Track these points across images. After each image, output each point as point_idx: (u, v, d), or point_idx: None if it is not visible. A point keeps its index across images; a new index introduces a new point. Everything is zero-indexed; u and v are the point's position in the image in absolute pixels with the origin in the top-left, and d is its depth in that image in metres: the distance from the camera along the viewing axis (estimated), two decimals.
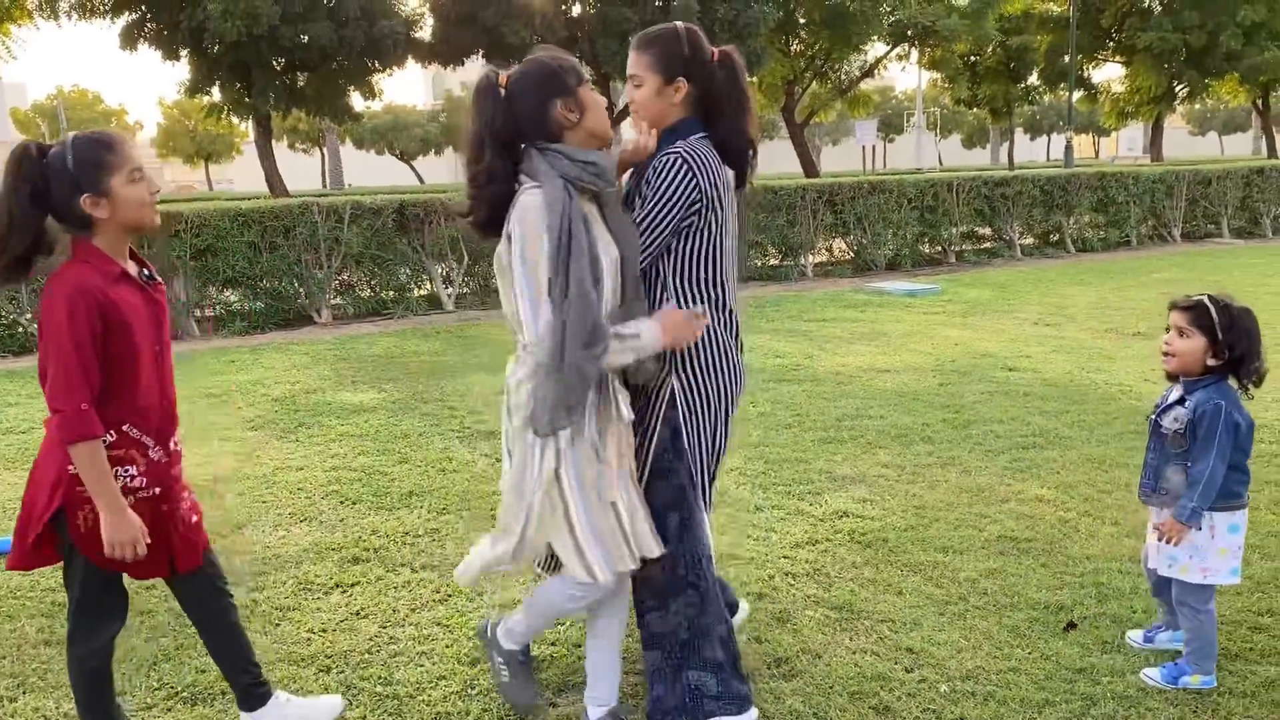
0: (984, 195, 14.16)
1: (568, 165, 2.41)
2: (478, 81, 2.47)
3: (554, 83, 2.44)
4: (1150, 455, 3.00)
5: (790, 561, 3.86)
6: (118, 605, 2.60)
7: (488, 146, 2.43)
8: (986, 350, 7.78)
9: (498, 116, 2.43)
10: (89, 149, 2.32)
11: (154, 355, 2.51)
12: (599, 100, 2.49)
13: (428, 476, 5.06)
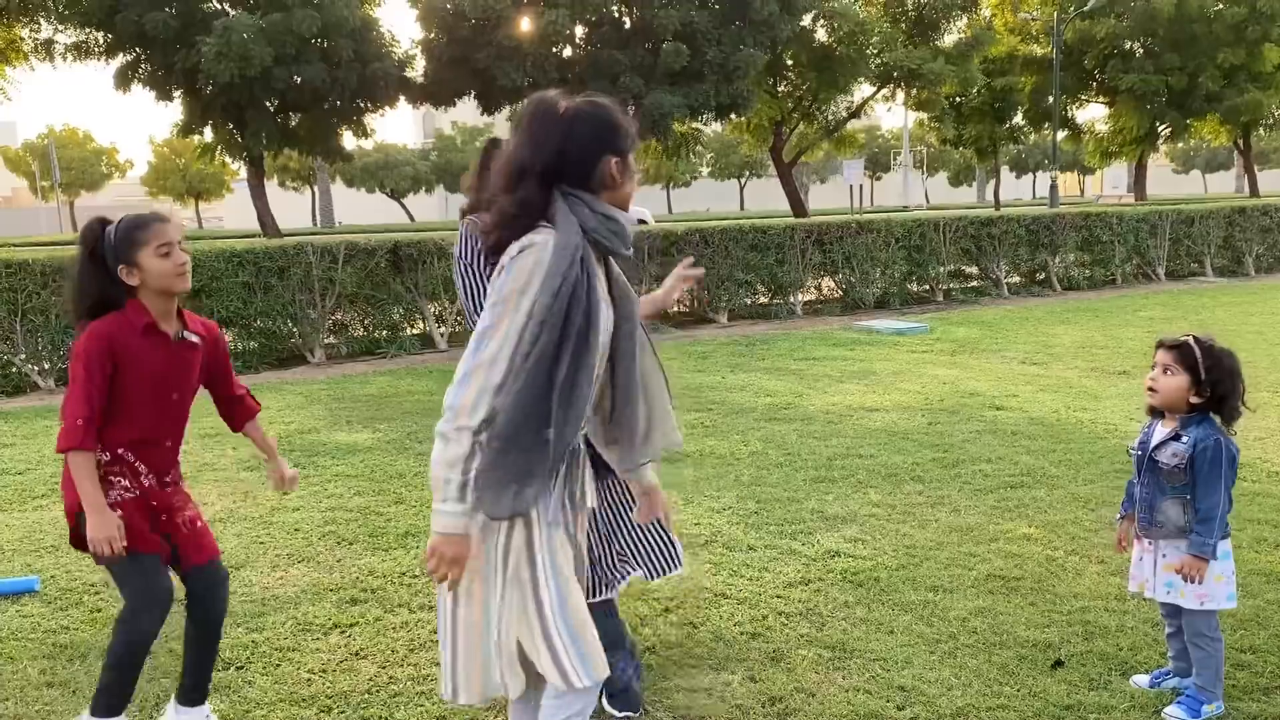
0: (971, 235, 14.35)
1: (588, 215, 2.21)
2: (536, 104, 2.25)
3: (614, 137, 2.25)
4: (1143, 490, 3.09)
5: (783, 601, 3.92)
6: (155, 598, 2.98)
7: (530, 176, 2.20)
8: (974, 389, 7.88)
9: (549, 147, 2.21)
10: (126, 228, 2.80)
11: (163, 400, 2.89)
12: (634, 171, 2.33)
13: (423, 517, 5.10)
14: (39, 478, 6.04)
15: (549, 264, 2.12)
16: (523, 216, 2.19)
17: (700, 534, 4.68)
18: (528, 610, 2.21)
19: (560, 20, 21.59)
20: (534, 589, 2.21)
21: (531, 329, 2.11)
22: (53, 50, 22.69)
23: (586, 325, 2.17)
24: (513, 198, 2.20)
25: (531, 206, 2.19)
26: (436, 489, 2.13)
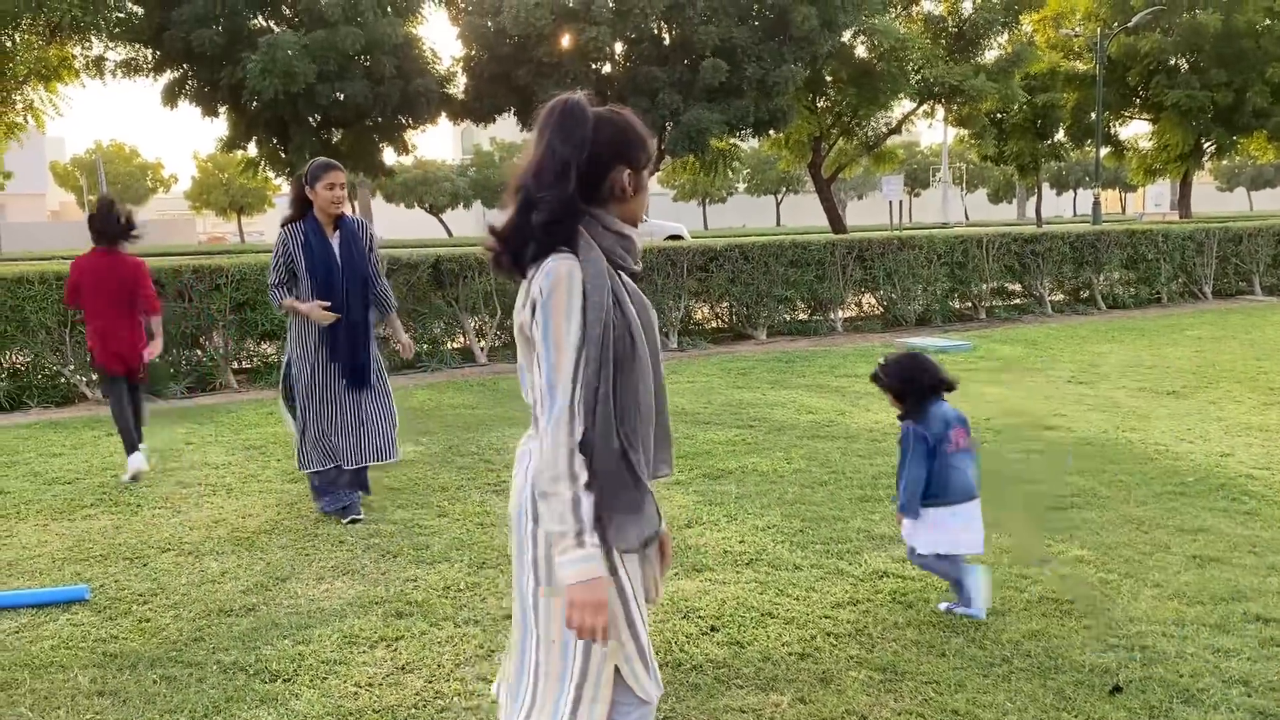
0: (1014, 252, 14.21)
1: (602, 234, 2.15)
2: (570, 104, 2.14)
3: (628, 148, 2.17)
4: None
5: (832, 621, 3.87)
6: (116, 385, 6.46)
7: (574, 175, 2.10)
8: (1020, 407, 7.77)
9: (585, 148, 2.11)
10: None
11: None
12: (646, 189, 2.25)
13: (466, 530, 5.10)
14: (88, 487, 6.11)
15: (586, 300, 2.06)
16: (569, 217, 2.10)
17: (745, 552, 4.64)
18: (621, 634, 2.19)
19: (601, 37, 21.68)
20: (625, 611, 2.19)
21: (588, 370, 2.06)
22: (103, 67, 23.12)
23: (632, 346, 2.13)
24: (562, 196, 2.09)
25: (576, 208, 2.11)
26: (555, 545, 2.08)
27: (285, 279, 5.33)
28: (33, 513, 5.60)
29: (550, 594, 2.16)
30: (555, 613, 2.17)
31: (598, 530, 2.09)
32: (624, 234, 2.19)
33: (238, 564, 4.68)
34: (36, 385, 9.20)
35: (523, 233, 2.12)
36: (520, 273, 2.15)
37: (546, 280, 2.07)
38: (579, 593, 2.05)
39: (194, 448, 7.18)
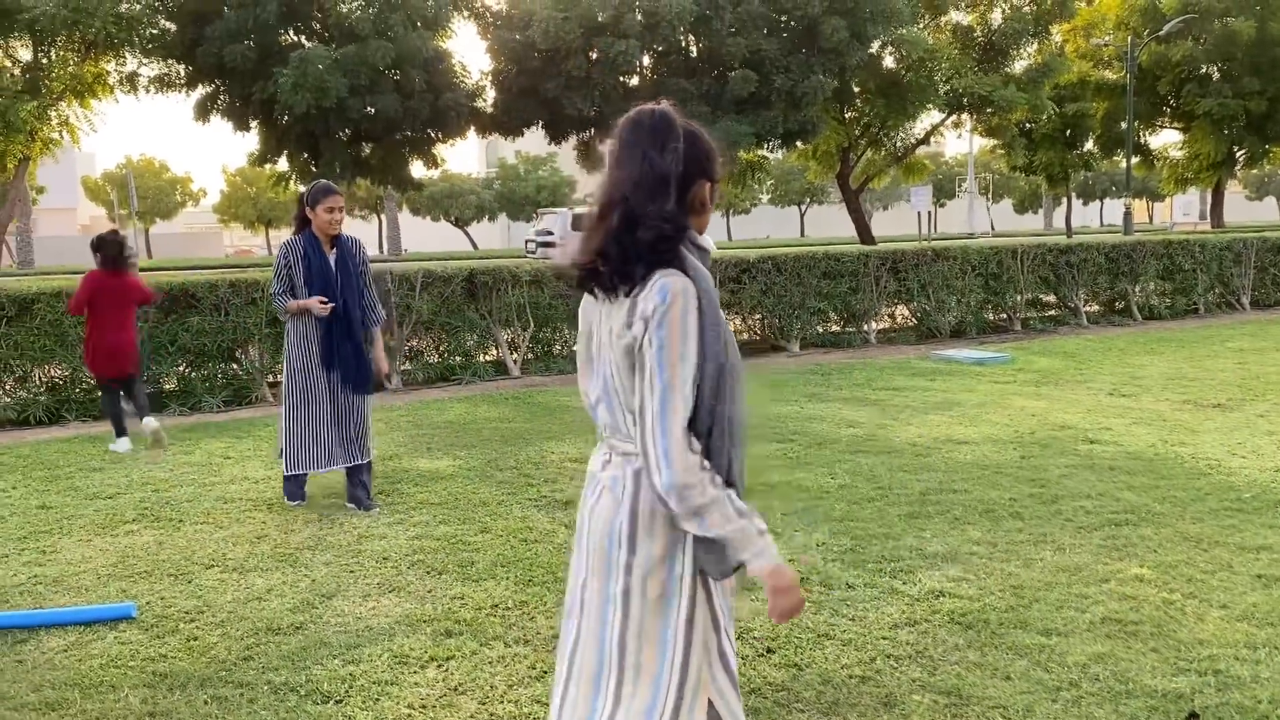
0: (1049, 263, 14.06)
1: (690, 249, 2.09)
2: (660, 114, 2.07)
3: (708, 161, 2.11)
4: None
5: (890, 643, 3.78)
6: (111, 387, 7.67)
7: (674, 189, 2.04)
8: (1065, 422, 7.66)
9: (681, 161, 2.05)
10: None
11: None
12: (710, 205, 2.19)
13: (510, 546, 5.05)
14: (129, 502, 6.10)
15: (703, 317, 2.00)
16: (679, 233, 2.03)
17: (796, 571, 4.55)
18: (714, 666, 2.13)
19: (630, 50, 21.69)
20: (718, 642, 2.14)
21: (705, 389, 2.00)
22: (136, 83, 23.36)
23: (732, 363, 2.07)
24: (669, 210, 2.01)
25: (683, 223, 2.05)
26: (740, 546, 2.01)
27: (287, 288, 5.77)
28: (76, 528, 5.59)
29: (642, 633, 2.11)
30: (649, 646, 2.10)
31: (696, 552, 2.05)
32: (704, 248, 2.14)
33: (283, 580, 4.64)
34: (74, 399, 9.24)
35: (628, 250, 2.03)
36: (624, 292, 2.05)
37: (661, 298, 1.99)
38: (777, 580, 2.02)
39: (233, 462, 7.17)
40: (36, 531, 5.53)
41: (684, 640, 2.10)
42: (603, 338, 2.13)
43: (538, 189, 58.34)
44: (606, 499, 2.14)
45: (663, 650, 2.10)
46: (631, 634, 2.11)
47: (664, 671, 2.09)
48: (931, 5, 26.05)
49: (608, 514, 2.13)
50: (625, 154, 2.07)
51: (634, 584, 2.10)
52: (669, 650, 2.10)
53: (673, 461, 1.96)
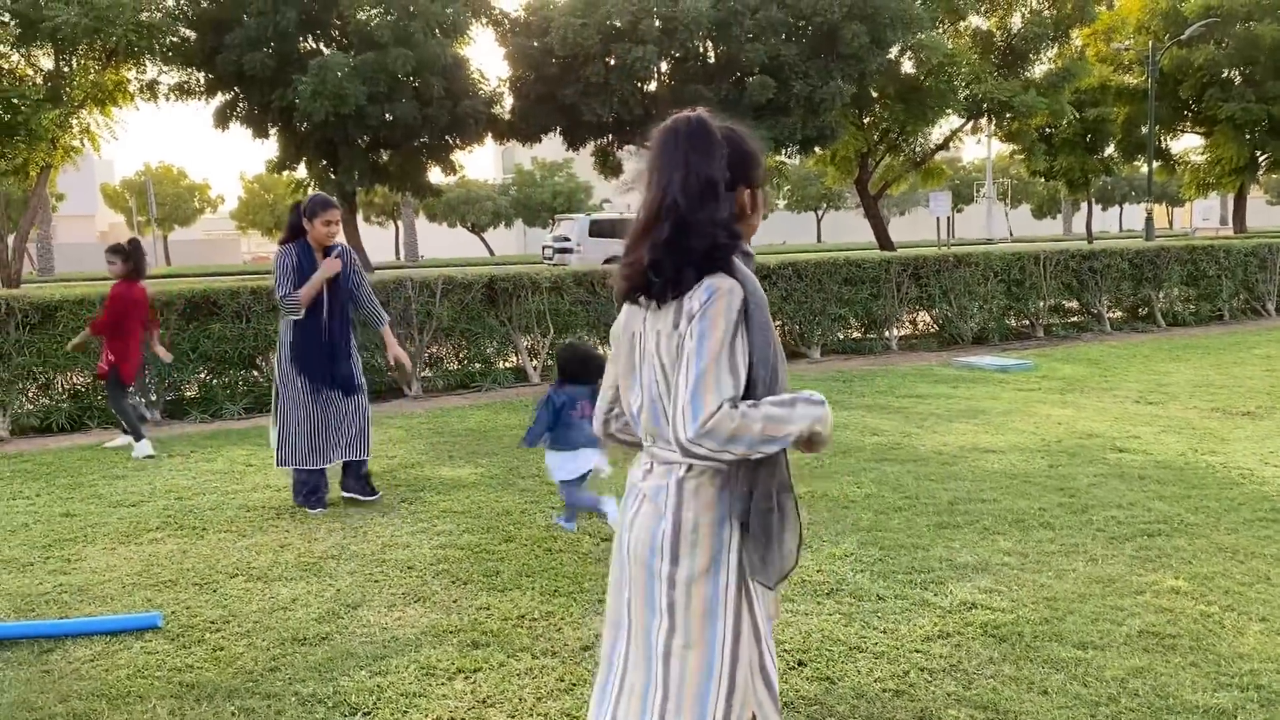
0: (1071, 269, 13.95)
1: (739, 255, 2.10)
2: (698, 122, 2.08)
3: (750, 166, 2.12)
4: None
5: (924, 656, 3.72)
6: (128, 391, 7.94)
7: (722, 195, 2.05)
8: (1092, 430, 7.57)
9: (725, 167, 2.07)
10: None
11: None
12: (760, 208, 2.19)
13: (535, 556, 5.01)
14: (152, 510, 6.09)
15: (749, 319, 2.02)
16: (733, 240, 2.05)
17: (824, 582, 4.51)
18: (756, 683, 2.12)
19: (648, 56, 21.68)
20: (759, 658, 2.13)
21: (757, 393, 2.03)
22: (156, 91, 23.51)
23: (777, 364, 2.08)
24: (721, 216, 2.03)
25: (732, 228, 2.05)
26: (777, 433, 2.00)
27: (295, 284, 5.99)
28: (100, 536, 5.59)
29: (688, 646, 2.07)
30: (695, 660, 2.07)
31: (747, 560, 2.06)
32: (749, 253, 2.13)
33: (307, 590, 4.62)
34: (96, 406, 9.26)
35: (681, 259, 2.02)
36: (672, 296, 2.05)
37: (707, 295, 2.00)
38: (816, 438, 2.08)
39: (255, 469, 7.16)
40: (61, 539, 5.53)
41: (730, 654, 2.07)
42: (648, 345, 2.11)
43: (554, 195, 58.43)
44: (648, 509, 2.11)
45: (709, 665, 2.07)
46: (677, 648, 2.08)
47: (711, 687, 2.06)
48: (951, 10, 25.95)
49: (649, 524, 2.10)
50: (667, 162, 2.05)
51: (678, 597, 2.07)
52: (715, 665, 2.07)
53: (698, 412, 1.96)
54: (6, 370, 8.86)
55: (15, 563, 5.14)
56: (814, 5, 22.06)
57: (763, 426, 1.97)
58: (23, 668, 3.84)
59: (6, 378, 8.87)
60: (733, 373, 1.99)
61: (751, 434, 1.97)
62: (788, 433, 2.00)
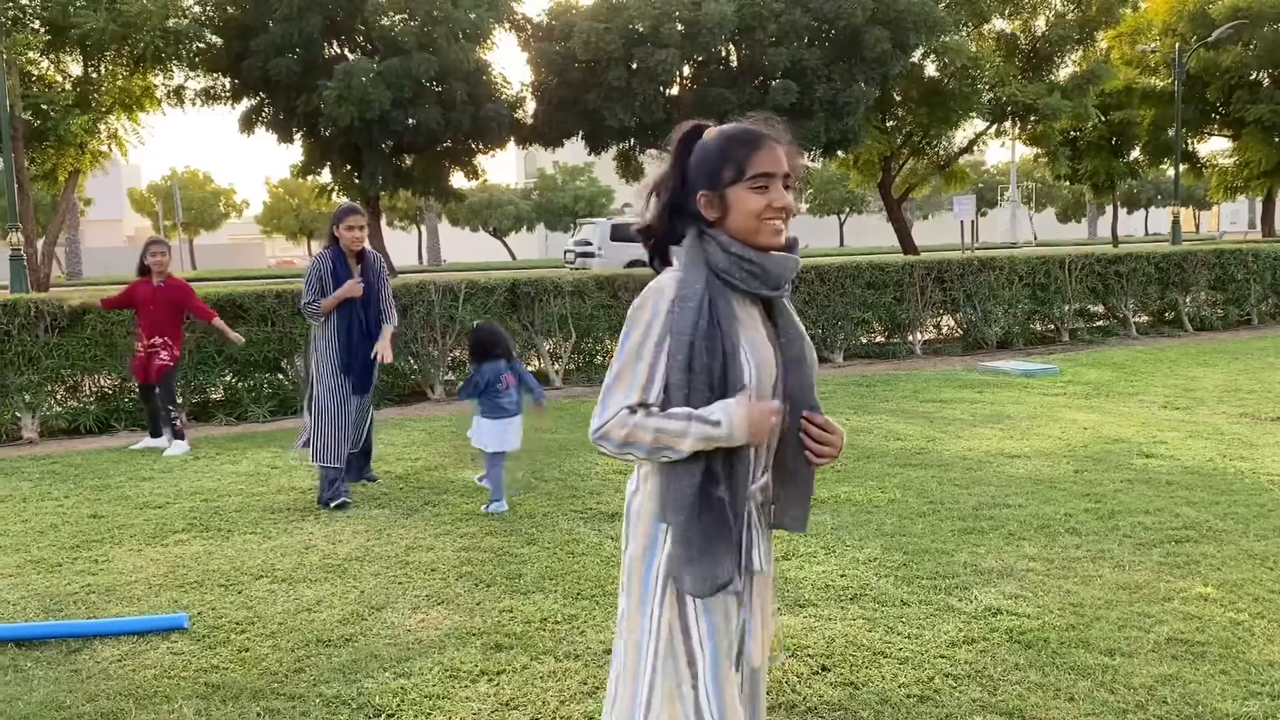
0: (1097, 273, 13.85)
1: (719, 255, 2.10)
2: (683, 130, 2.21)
3: (710, 170, 2.13)
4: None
5: (948, 662, 3.70)
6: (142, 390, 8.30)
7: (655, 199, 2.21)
8: (1118, 435, 7.51)
9: (673, 175, 2.19)
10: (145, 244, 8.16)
11: (147, 309, 8.04)
12: (752, 201, 2.10)
13: (557, 559, 5.02)
14: (178, 512, 6.14)
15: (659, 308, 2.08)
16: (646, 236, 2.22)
17: (848, 586, 4.49)
18: (681, 686, 2.09)
19: (670, 60, 21.70)
20: (691, 675, 2.10)
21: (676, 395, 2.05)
22: (183, 96, 23.75)
23: (725, 376, 2.06)
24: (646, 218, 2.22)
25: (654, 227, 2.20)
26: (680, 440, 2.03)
27: (318, 295, 6.34)
28: (127, 537, 5.64)
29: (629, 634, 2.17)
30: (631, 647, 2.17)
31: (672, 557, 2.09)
32: (743, 256, 2.10)
33: (331, 592, 4.64)
34: (124, 409, 9.35)
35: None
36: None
37: (640, 296, 2.12)
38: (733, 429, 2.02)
39: (280, 472, 7.21)
40: (89, 540, 5.58)
41: (653, 644, 2.11)
42: None
43: (575, 199, 58.51)
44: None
45: (640, 651, 2.13)
46: (624, 627, 2.16)
47: (641, 673, 2.13)
48: (974, 13, 25.82)
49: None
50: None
51: (626, 577, 2.17)
52: (644, 652, 2.13)
53: (600, 414, 2.06)
54: (36, 373, 8.96)
55: (44, 563, 5.19)
56: (837, 9, 22.01)
57: (654, 437, 2.02)
58: (52, 667, 3.88)
59: (36, 380, 8.97)
60: (643, 376, 2.05)
61: (643, 443, 2.02)
62: (680, 446, 2.02)
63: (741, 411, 2.01)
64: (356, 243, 6.38)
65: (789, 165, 2.14)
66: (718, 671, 2.09)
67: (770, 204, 2.10)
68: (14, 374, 8.85)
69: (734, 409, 2.01)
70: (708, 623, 2.09)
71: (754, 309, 2.17)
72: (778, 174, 2.10)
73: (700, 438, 2.01)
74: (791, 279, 2.18)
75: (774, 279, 2.13)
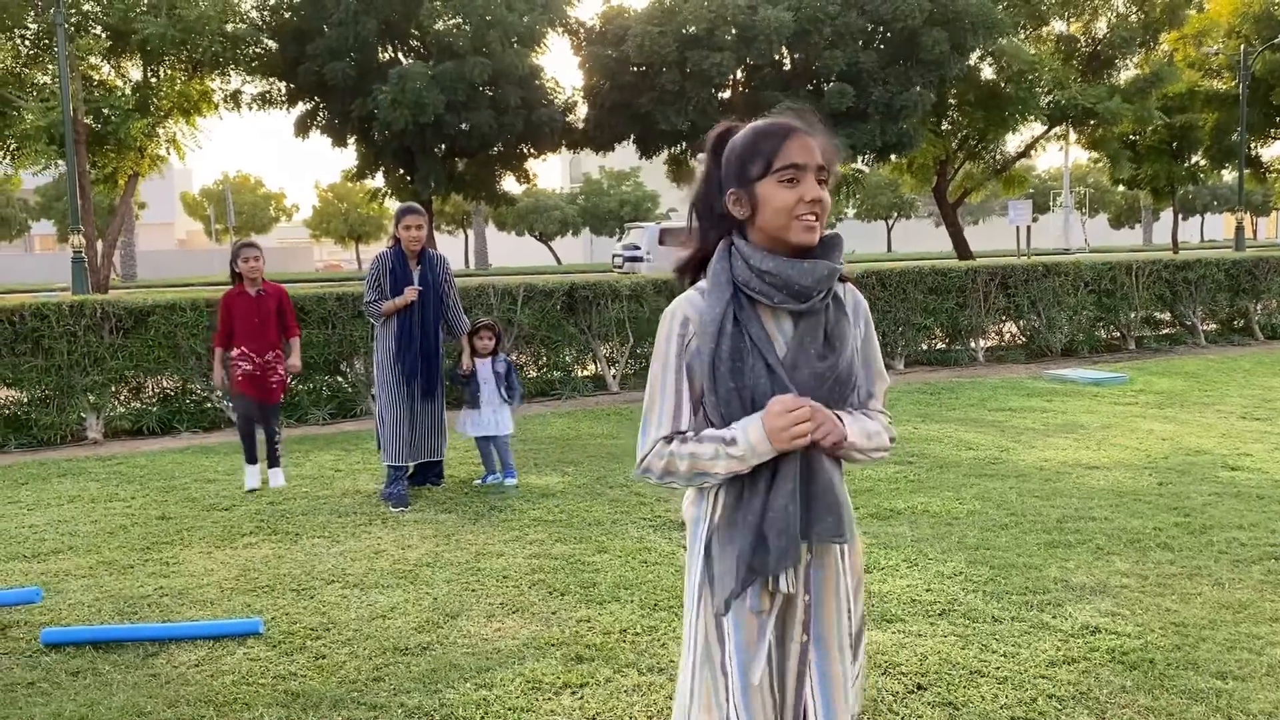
0: (1165, 279, 13.51)
1: (741, 269, 1.99)
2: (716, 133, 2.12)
3: (733, 168, 2.03)
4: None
5: (1050, 682, 3.54)
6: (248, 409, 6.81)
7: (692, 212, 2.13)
8: (1199, 446, 7.27)
9: (703, 183, 2.10)
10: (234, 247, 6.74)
11: (250, 323, 6.64)
12: (782, 195, 1.97)
13: (630, 568, 4.91)
14: (245, 514, 6.12)
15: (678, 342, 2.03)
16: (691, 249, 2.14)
17: (935, 601, 4.34)
18: (717, 694, 2.05)
19: (725, 63, 21.56)
20: (723, 672, 2.04)
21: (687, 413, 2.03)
22: (240, 100, 24.02)
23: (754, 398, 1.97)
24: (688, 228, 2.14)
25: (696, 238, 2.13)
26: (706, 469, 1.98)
27: (379, 296, 6.42)
28: (196, 539, 5.62)
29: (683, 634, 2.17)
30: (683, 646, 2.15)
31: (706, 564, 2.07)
32: (762, 269, 1.97)
33: (404, 598, 4.57)
34: (186, 410, 9.40)
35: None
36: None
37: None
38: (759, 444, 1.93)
39: (343, 475, 7.18)
40: (159, 542, 5.57)
41: (693, 653, 2.10)
42: None
43: (621, 204, 58.48)
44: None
45: (685, 659, 2.13)
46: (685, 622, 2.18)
47: (684, 682, 2.12)
48: (1033, 15, 25.41)
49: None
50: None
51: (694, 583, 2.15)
52: (687, 660, 2.11)
53: (639, 449, 2.05)
54: (101, 374, 9.03)
55: (116, 564, 5.18)
56: (894, 11, 21.75)
57: (688, 464, 1.98)
58: (130, 671, 3.84)
59: (100, 381, 9.03)
60: (671, 404, 2.02)
61: (681, 471, 2.00)
62: (713, 470, 1.97)
63: (755, 423, 1.92)
64: (415, 242, 6.40)
65: (823, 158, 1.99)
66: (746, 688, 2.02)
67: (801, 198, 1.96)
68: (79, 374, 8.93)
69: (749, 423, 1.93)
70: (736, 639, 2.03)
71: (787, 323, 2.03)
72: (809, 166, 1.96)
73: (729, 458, 1.95)
74: (825, 289, 1.99)
75: (800, 290, 1.97)
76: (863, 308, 2.14)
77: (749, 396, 1.95)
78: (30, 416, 8.89)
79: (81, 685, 3.72)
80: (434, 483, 6.75)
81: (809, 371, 1.98)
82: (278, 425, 6.98)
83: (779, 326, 2.00)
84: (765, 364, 1.95)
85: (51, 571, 5.11)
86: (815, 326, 2.00)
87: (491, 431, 6.74)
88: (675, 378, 2.00)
